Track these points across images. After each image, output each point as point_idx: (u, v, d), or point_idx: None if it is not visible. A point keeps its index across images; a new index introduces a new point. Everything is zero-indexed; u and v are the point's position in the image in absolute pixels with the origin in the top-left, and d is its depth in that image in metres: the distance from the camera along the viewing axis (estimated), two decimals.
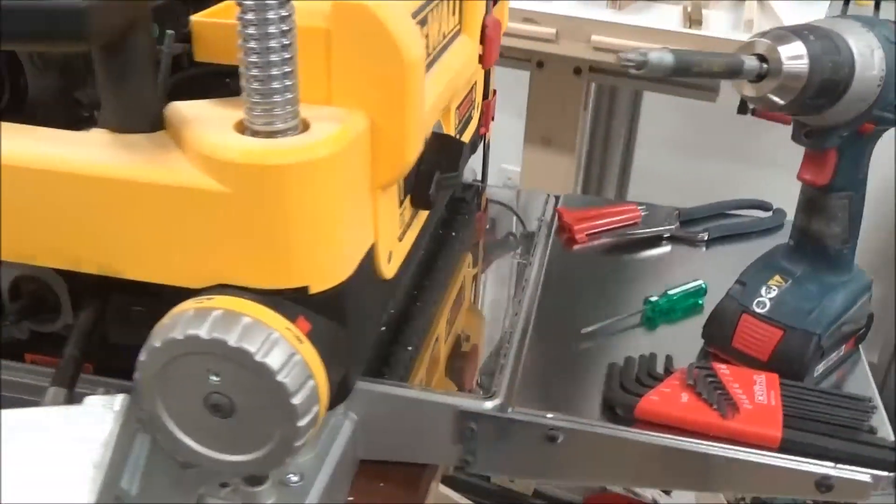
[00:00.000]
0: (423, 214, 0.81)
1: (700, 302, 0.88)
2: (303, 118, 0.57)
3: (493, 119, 1.04)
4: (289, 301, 0.58)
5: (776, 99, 0.68)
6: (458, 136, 0.88)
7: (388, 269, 0.70)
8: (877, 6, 1.81)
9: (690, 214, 1.05)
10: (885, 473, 0.68)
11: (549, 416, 0.70)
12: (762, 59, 0.67)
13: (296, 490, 0.66)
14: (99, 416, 0.55)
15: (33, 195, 0.58)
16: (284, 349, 0.55)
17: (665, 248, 1.01)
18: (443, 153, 0.74)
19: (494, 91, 1.03)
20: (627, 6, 1.61)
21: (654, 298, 0.85)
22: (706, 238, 1.01)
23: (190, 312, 0.55)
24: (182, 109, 0.60)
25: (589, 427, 0.70)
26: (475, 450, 0.73)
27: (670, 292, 0.86)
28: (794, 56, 0.67)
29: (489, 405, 0.72)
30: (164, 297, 0.60)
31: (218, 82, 0.67)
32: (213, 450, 0.58)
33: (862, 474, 0.68)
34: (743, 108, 2.21)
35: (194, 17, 0.63)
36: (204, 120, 0.58)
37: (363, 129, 0.60)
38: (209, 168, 0.55)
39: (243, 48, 0.54)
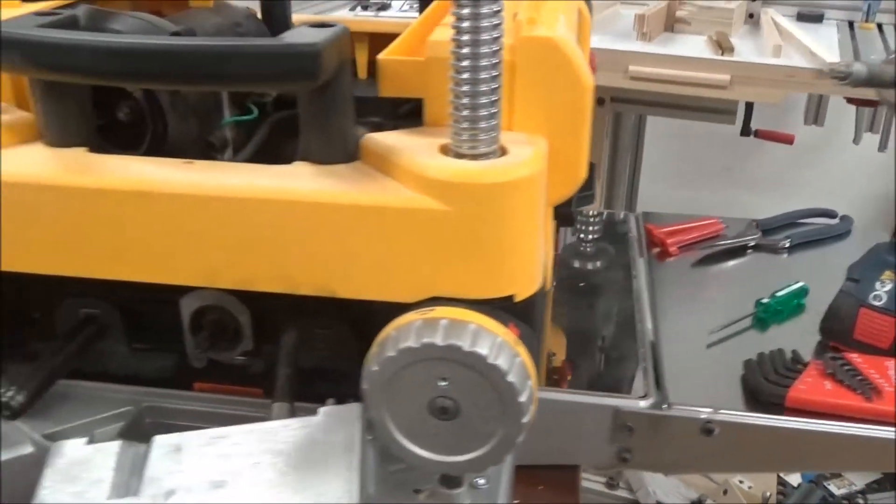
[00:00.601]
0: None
1: (802, 302, 0.94)
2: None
3: None
4: (498, 309, 0.62)
5: None
6: None
7: (549, 280, 0.75)
8: (879, 28, 1.92)
9: (766, 224, 1.12)
10: None
11: (706, 410, 0.75)
12: None
13: (485, 492, 0.70)
14: (343, 423, 0.59)
15: (254, 225, 0.62)
16: (509, 352, 0.59)
17: (750, 256, 1.07)
18: None
19: None
20: (655, 38, 1.70)
21: (765, 301, 0.91)
22: (787, 245, 1.08)
23: (418, 323, 0.60)
24: (381, 140, 0.66)
25: (744, 418, 0.75)
26: (631, 448, 0.78)
27: (778, 294, 0.92)
28: None
29: (645, 404, 0.77)
30: (347, 319, 0.65)
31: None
32: (434, 452, 0.63)
33: None
34: (746, 131, 2.32)
35: (380, 56, 0.68)
36: (409, 147, 0.63)
37: (546, 150, 0.65)
38: (428, 189, 0.60)
39: (456, 80, 0.60)
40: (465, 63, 0.59)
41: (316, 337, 0.73)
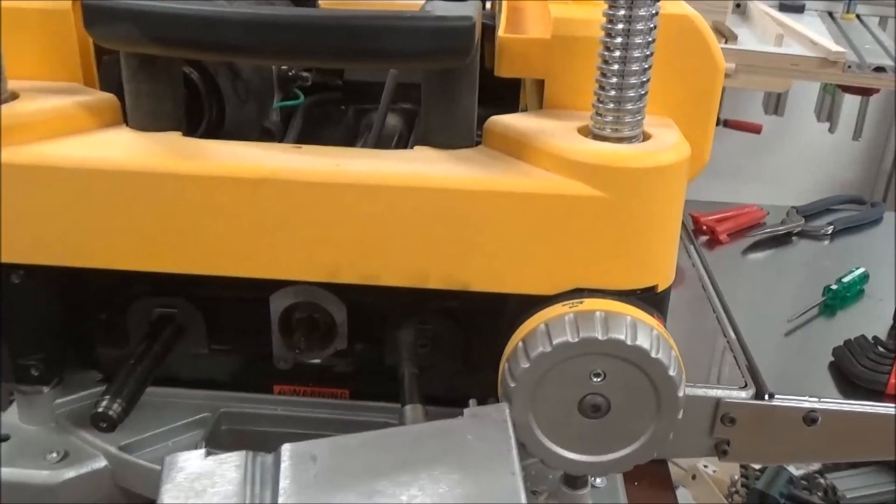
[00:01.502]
0: None
1: (863, 288, 0.94)
2: None
3: None
4: (641, 301, 0.60)
5: None
6: None
7: None
8: (859, 19, 1.96)
9: (805, 211, 1.12)
10: None
11: (810, 399, 0.74)
12: None
13: (604, 491, 0.68)
14: (495, 425, 0.56)
15: (383, 214, 0.58)
16: (666, 345, 0.57)
17: (796, 243, 1.07)
18: None
19: None
20: None
21: (833, 287, 0.91)
22: (830, 232, 1.08)
23: (570, 316, 0.56)
24: (510, 122, 0.62)
25: (849, 407, 0.74)
26: (731, 440, 0.76)
27: (844, 280, 0.92)
28: None
29: (746, 395, 0.75)
30: (450, 314, 0.63)
31: None
32: (579, 453, 0.59)
33: None
34: (716, 121, 2.34)
35: (501, 35, 0.64)
36: (543, 130, 0.60)
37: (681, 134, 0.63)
38: (578, 174, 0.56)
39: (606, 57, 0.56)
40: (618, 40, 0.56)
41: (416, 335, 0.69)
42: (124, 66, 0.61)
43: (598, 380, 0.57)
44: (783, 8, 1.93)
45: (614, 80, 0.56)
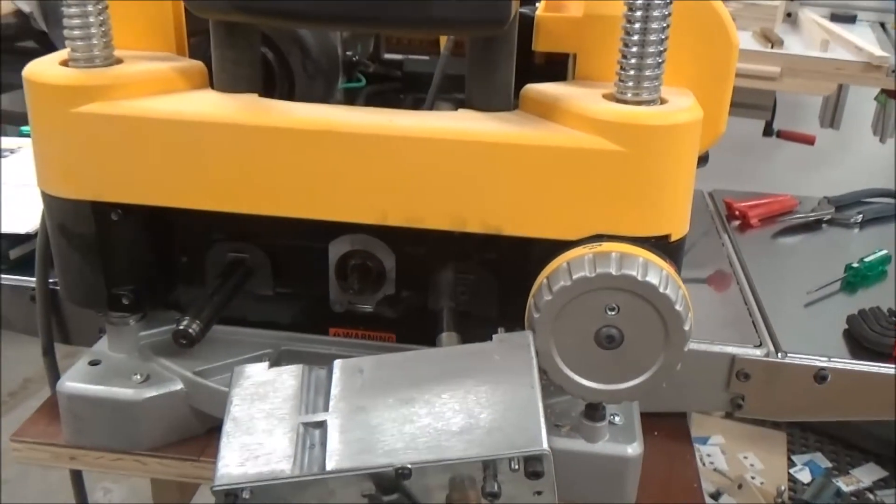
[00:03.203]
0: None
1: (885, 269, 0.99)
2: None
3: None
4: (654, 247, 0.67)
5: None
6: None
7: None
8: None
9: (837, 201, 1.17)
10: None
11: (821, 358, 0.80)
12: None
13: (622, 428, 0.74)
14: (518, 349, 0.63)
15: (429, 164, 0.66)
16: (674, 284, 0.64)
17: (825, 230, 1.13)
18: None
19: None
20: None
21: (855, 265, 0.96)
22: (859, 221, 1.13)
23: (589, 256, 0.64)
24: (543, 89, 0.70)
25: (857, 366, 0.80)
26: (745, 395, 0.82)
27: (867, 260, 0.97)
28: None
29: (761, 352, 0.81)
30: (489, 264, 0.70)
31: None
32: (596, 381, 0.67)
33: None
34: (768, 131, 2.38)
35: (538, 13, 0.73)
36: (573, 95, 0.68)
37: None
38: (600, 130, 0.64)
39: (628, 28, 0.64)
40: (638, 13, 0.63)
41: (456, 281, 0.77)
42: (213, 35, 0.71)
43: (613, 313, 0.64)
44: (834, 18, 1.98)
45: (635, 48, 0.64)
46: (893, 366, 0.80)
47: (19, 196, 1.06)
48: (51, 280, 0.85)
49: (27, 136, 0.72)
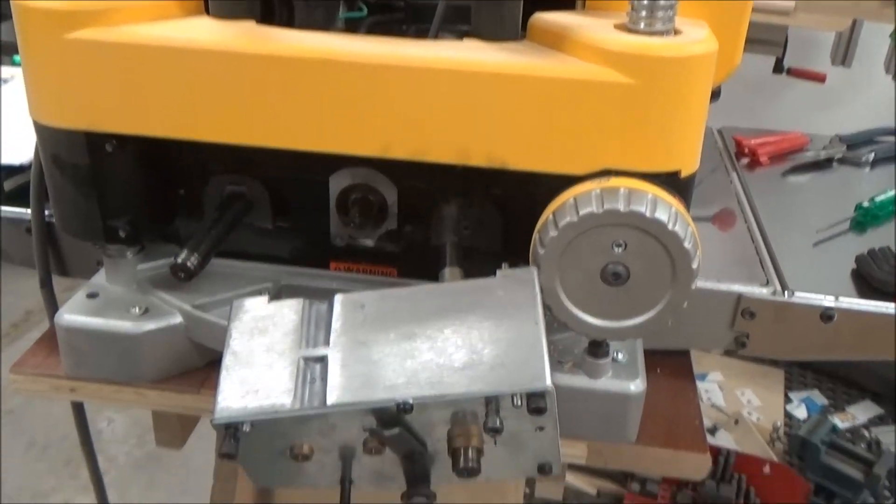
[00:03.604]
0: None
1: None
2: None
3: None
4: (663, 184, 0.65)
5: None
6: None
7: None
8: None
9: (848, 140, 1.15)
10: None
11: (828, 297, 0.79)
12: None
13: (625, 365, 0.74)
14: (522, 284, 0.62)
15: (433, 95, 0.64)
16: (683, 221, 0.62)
17: (836, 168, 1.11)
18: None
19: None
20: None
21: (865, 205, 0.95)
22: (871, 160, 1.11)
23: (596, 191, 0.62)
24: (552, 18, 0.67)
25: (864, 306, 0.79)
26: (750, 333, 0.81)
27: (877, 199, 0.96)
28: None
29: (767, 291, 0.80)
30: (493, 199, 0.68)
31: None
32: (601, 318, 0.66)
33: None
34: (779, 68, 2.33)
35: None
36: (583, 25, 0.65)
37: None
38: (612, 62, 0.62)
39: None
40: None
41: (459, 216, 0.75)
42: None
43: (620, 250, 0.63)
44: None
45: None
46: None
47: (14, 126, 1.03)
48: (47, 212, 0.84)
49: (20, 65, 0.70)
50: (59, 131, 0.70)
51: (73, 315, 0.77)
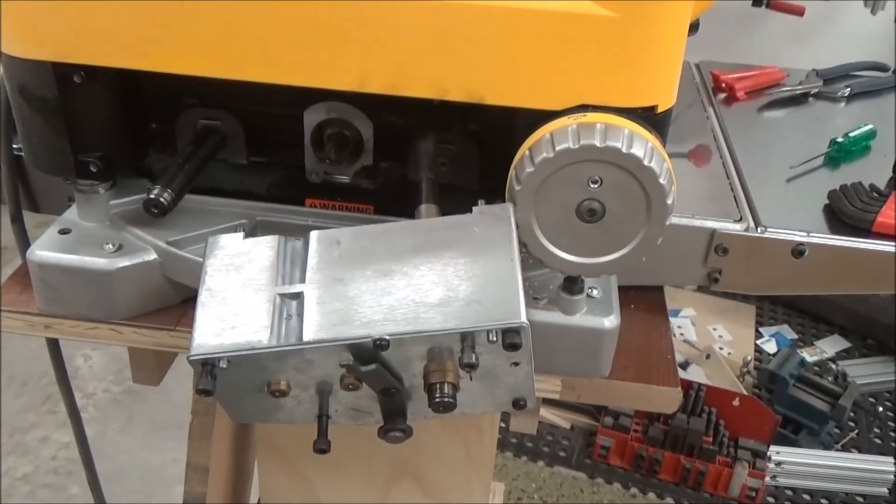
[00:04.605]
0: None
1: (870, 144, 0.98)
2: None
3: None
4: (640, 119, 0.65)
5: None
6: None
7: None
8: None
9: (825, 74, 1.15)
10: None
11: (800, 233, 0.80)
12: None
13: (600, 301, 0.74)
14: (498, 220, 0.62)
15: (407, 27, 0.63)
16: (659, 157, 0.62)
17: (812, 103, 1.11)
18: None
19: None
20: None
21: (839, 140, 0.95)
22: (847, 94, 1.11)
23: (573, 126, 0.62)
24: None
25: (835, 241, 0.80)
26: (723, 269, 0.82)
27: (851, 135, 0.96)
28: None
29: (740, 227, 0.81)
30: (470, 134, 0.68)
31: None
32: (576, 255, 0.66)
33: None
34: (758, 1, 2.31)
35: None
36: None
37: None
38: None
39: None
40: None
41: (437, 152, 0.75)
42: None
43: (596, 186, 0.63)
44: None
45: None
46: (871, 241, 0.80)
47: None
48: (15, 146, 0.82)
49: None
50: (25, 62, 0.68)
51: (45, 251, 0.76)
